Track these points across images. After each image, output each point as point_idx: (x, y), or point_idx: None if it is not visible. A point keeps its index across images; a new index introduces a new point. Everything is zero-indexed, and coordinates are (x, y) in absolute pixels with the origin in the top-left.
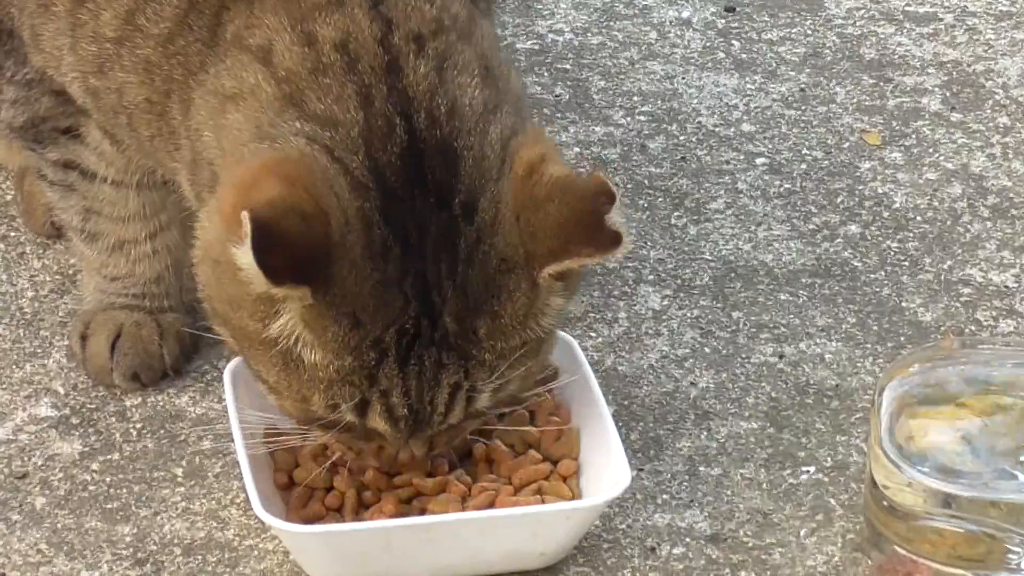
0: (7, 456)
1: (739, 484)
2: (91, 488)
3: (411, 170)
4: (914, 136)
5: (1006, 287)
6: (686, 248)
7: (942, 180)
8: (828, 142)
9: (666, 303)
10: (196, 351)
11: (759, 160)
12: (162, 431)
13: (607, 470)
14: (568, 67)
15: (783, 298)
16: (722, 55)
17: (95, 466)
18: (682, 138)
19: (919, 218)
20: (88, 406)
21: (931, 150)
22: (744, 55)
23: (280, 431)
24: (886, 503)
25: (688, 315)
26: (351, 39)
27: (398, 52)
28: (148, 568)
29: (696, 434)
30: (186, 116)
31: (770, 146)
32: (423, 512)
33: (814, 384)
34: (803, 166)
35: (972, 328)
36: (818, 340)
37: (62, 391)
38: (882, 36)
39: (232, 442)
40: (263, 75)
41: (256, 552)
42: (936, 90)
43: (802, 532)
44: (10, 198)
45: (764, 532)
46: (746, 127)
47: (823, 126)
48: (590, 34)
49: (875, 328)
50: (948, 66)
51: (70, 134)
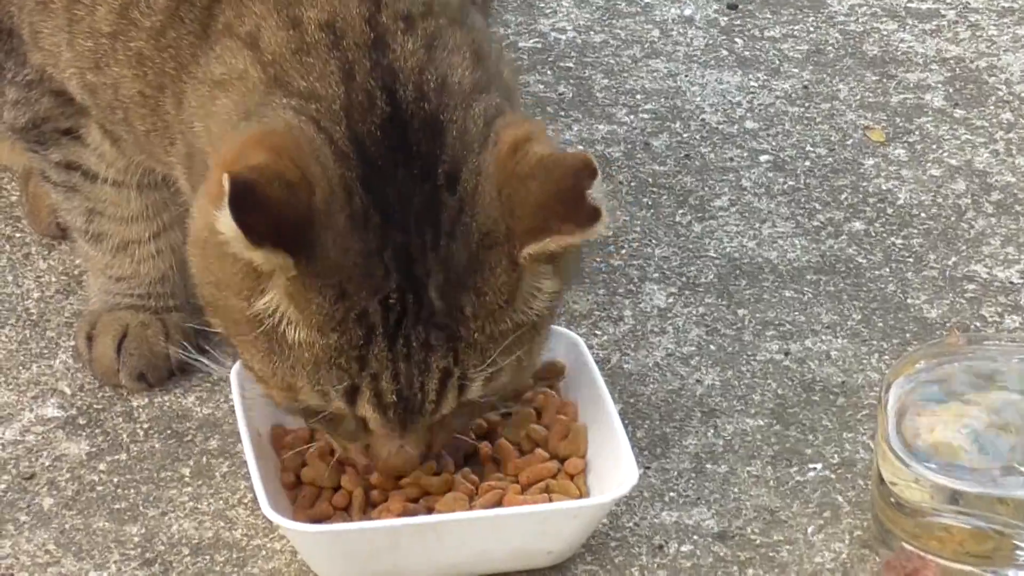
0: (15, 457)
1: (746, 481)
2: (99, 488)
3: (394, 141)
4: (917, 132)
5: (1011, 283)
6: (691, 246)
7: (946, 176)
8: (832, 139)
9: (671, 301)
10: (202, 350)
11: (763, 157)
12: (169, 431)
13: (614, 468)
14: (571, 65)
15: (788, 295)
16: (725, 52)
17: (102, 466)
18: (686, 136)
19: (923, 214)
20: (95, 406)
21: (935, 146)
22: (747, 52)
23: (288, 430)
24: (893, 500)
25: (693, 313)
26: (337, 18)
27: (384, 30)
28: (156, 568)
29: (703, 432)
30: (179, 110)
31: (774, 143)
32: (430, 511)
33: (820, 381)
34: (807, 163)
35: (977, 324)
36: (824, 337)
37: (69, 392)
38: (885, 33)
39: (239, 441)
40: (250, 59)
41: (264, 552)
42: (939, 86)
43: (809, 529)
44: (15, 199)
45: (771, 529)
46: (749, 124)
47: (826, 123)
48: (593, 32)
49: (880, 325)
50: (951, 62)
51: (71, 135)
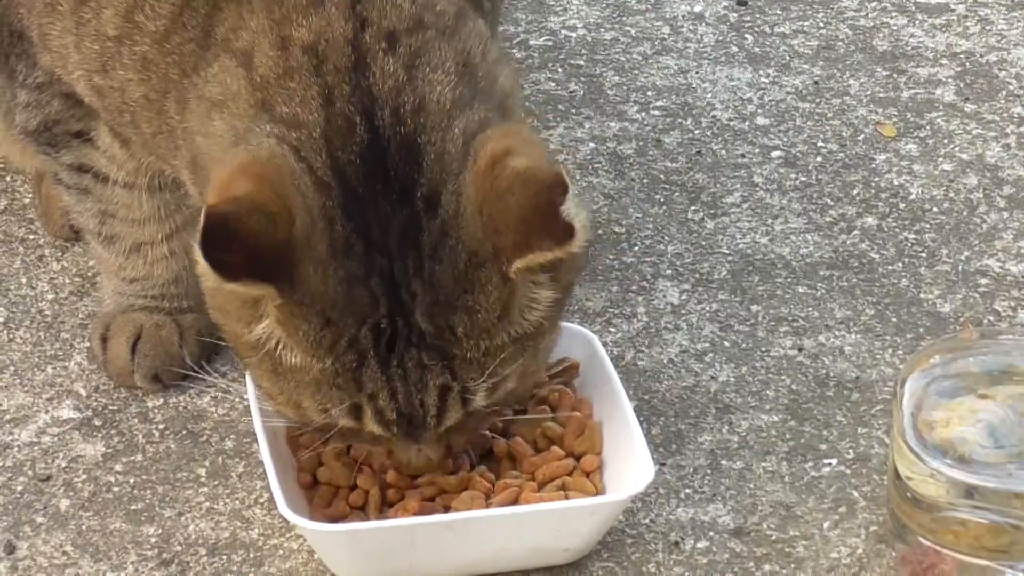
0: (31, 459)
1: (761, 477)
2: (115, 489)
3: (373, 167)
4: (929, 127)
5: None
6: (703, 242)
7: (958, 171)
8: (843, 134)
9: (684, 297)
10: (217, 351)
11: (774, 153)
12: (184, 431)
13: (630, 465)
14: (582, 63)
15: (801, 291)
16: (735, 49)
17: (118, 467)
18: (697, 132)
19: (935, 209)
20: (110, 407)
21: (946, 141)
22: (757, 49)
23: (303, 431)
24: (909, 494)
25: (707, 309)
26: (321, 40)
27: (367, 51)
28: (173, 568)
29: (717, 428)
30: (182, 116)
31: (785, 139)
32: (446, 510)
33: (834, 376)
34: (818, 159)
35: (991, 319)
36: (837, 332)
37: (84, 393)
38: (895, 28)
39: (255, 441)
40: (243, 80)
41: (281, 551)
42: (950, 81)
43: (825, 524)
44: (28, 201)
45: (787, 525)
46: (761, 120)
47: (838, 118)
48: (603, 30)
49: (894, 320)
50: (961, 57)
51: (82, 138)
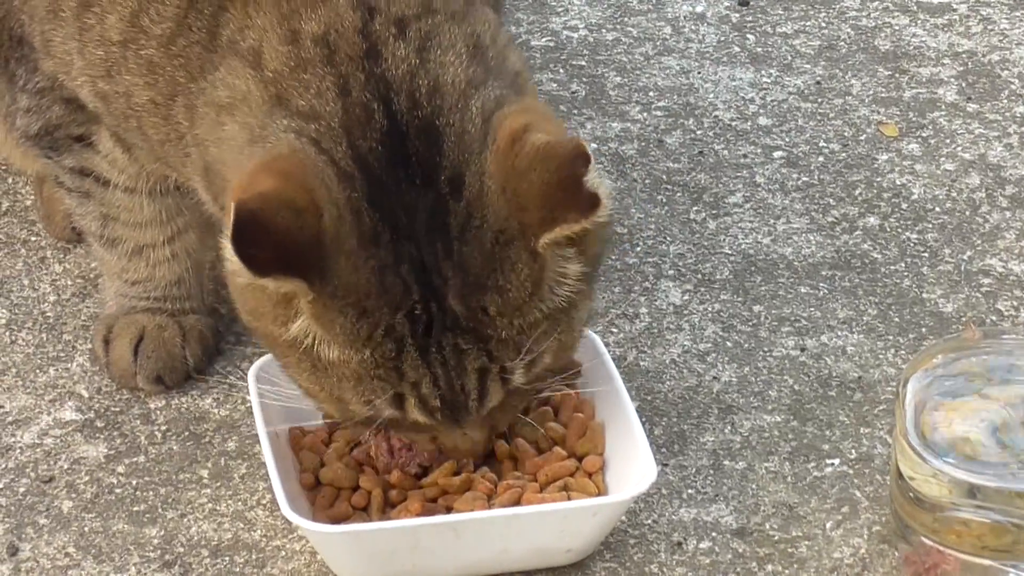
0: (33, 460)
1: (764, 478)
2: (117, 491)
3: (394, 154)
4: (931, 127)
5: None
6: (706, 243)
7: (960, 171)
8: (845, 134)
9: (687, 298)
10: (219, 352)
11: (776, 153)
12: (187, 433)
13: (632, 466)
14: (583, 63)
15: (804, 291)
16: (737, 49)
17: (121, 469)
18: (699, 133)
19: (938, 209)
20: (112, 409)
21: (948, 141)
22: (759, 49)
23: (306, 431)
24: (912, 494)
25: (709, 309)
26: (331, 31)
27: (377, 38)
28: (176, 570)
29: (720, 428)
30: (192, 121)
31: (787, 139)
32: (449, 511)
33: (837, 376)
34: (820, 159)
35: (993, 318)
36: (840, 332)
37: (86, 395)
38: (897, 27)
39: (257, 443)
40: (253, 80)
41: (284, 552)
42: (952, 81)
43: (828, 525)
44: (30, 203)
45: (790, 525)
46: (763, 121)
47: (840, 118)
48: (604, 30)
49: (896, 320)
50: (963, 56)
51: (83, 142)
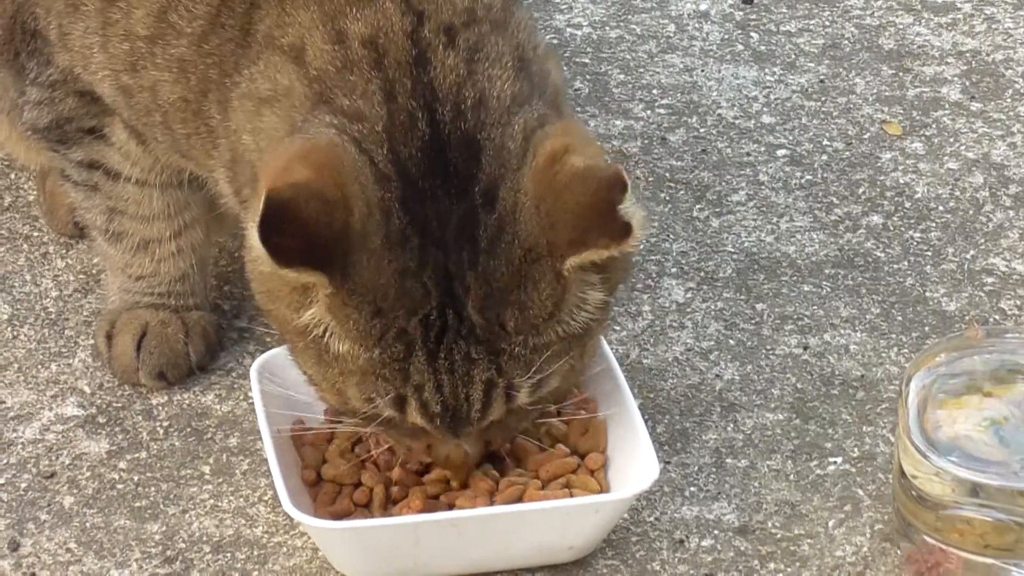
0: (35, 456)
1: (766, 476)
2: (119, 487)
3: (433, 162)
4: (935, 126)
5: None
6: (709, 241)
7: (963, 169)
8: (849, 133)
9: (690, 296)
10: (222, 348)
11: (780, 152)
12: (189, 429)
13: (635, 463)
14: (587, 61)
15: (807, 289)
16: (741, 47)
17: (123, 465)
18: (702, 131)
19: (941, 208)
20: (114, 405)
21: (952, 140)
22: (763, 47)
23: (308, 428)
24: (914, 493)
25: (712, 307)
26: (380, 34)
27: (427, 45)
28: (177, 566)
29: (722, 426)
30: (224, 117)
31: (791, 138)
32: (451, 507)
33: (839, 375)
34: (824, 157)
35: (996, 317)
36: (842, 331)
37: (88, 390)
38: (900, 26)
39: (259, 439)
40: (296, 75)
41: (285, 548)
42: (956, 80)
43: (830, 523)
44: (32, 198)
45: (792, 523)
46: (766, 119)
47: (843, 117)
48: (608, 27)
49: (899, 318)
50: (967, 55)
51: (95, 134)
